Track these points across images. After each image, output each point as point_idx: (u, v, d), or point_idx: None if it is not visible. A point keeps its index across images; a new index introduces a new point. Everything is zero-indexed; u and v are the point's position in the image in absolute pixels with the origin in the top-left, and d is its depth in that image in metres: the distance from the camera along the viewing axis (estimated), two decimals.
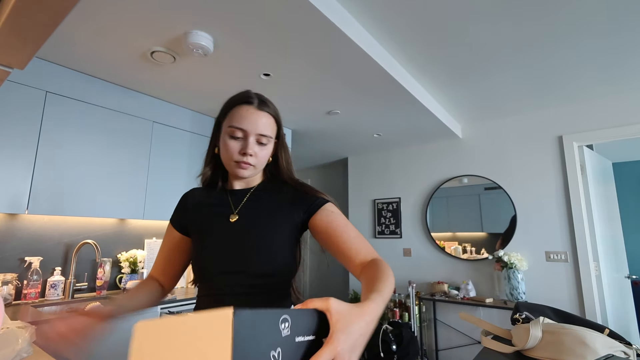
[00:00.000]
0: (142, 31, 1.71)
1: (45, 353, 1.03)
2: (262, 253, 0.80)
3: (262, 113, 0.83)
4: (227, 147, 0.82)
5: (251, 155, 0.81)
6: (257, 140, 0.82)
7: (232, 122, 0.82)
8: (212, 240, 0.84)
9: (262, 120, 0.83)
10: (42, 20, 0.49)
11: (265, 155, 0.85)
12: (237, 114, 0.83)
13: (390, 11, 1.70)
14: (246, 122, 0.81)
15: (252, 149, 0.81)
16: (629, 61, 2.16)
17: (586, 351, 0.98)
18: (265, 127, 0.83)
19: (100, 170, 2.16)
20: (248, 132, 0.81)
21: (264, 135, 0.82)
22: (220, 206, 0.89)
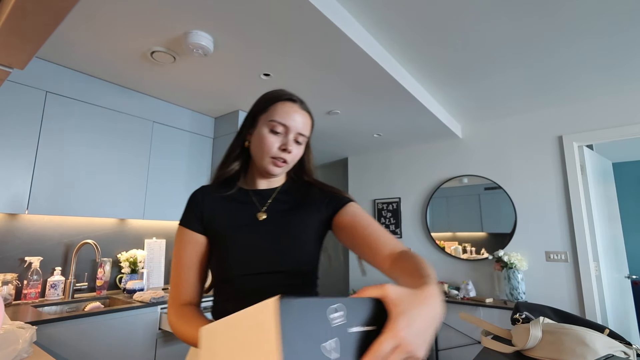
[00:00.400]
0: (142, 31, 1.71)
1: (46, 353, 1.03)
2: (298, 252, 0.79)
3: (304, 112, 0.83)
4: (265, 141, 0.80)
5: (289, 152, 0.81)
6: (295, 138, 0.82)
7: (274, 116, 0.81)
8: (241, 240, 0.80)
9: (304, 120, 0.83)
10: (42, 20, 0.49)
11: (298, 155, 0.84)
12: (281, 109, 0.81)
13: (390, 11, 1.70)
14: (290, 119, 0.80)
15: (292, 145, 0.81)
16: (629, 61, 2.16)
17: (586, 351, 0.98)
18: (305, 127, 0.83)
19: (100, 170, 2.16)
20: (289, 129, 0.80)
21: (302, 135, 0.82)
22: (244, 204, 0.85)
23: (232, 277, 0.78)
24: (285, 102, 0.82)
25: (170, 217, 2.52)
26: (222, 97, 2.49)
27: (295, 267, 0.78)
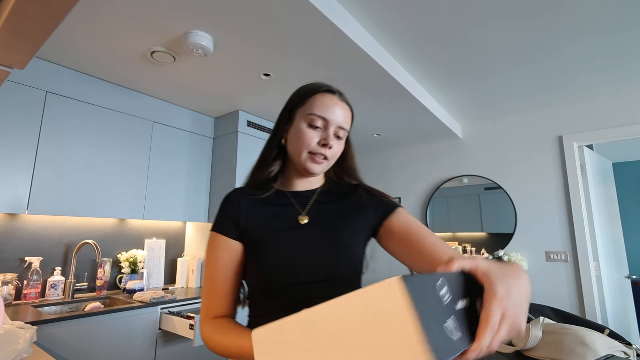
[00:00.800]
0: (142, 31, 1.71)
1: (46, 353, 1.03)
2: (346, 258, 0.73)
3: (344, 105, 0.78)
4: (304, 136, 0.74)
5: (330, 147, 0.75)
6: (335, 133, 0.76)
7: (312, 109, 0.75)
8: (284, 247, 0.72)
9: (344, 113, 0.77)
10: (42, 20, 0.49)
11: (338, 151, 0.78)
12: (320, 101, 0.75)
13: (390, 11, 1.70)
14: (329, 111, 0.74)
15: (332, 140, 0.75)
16: (629, 61, 2.16)
17: (586, 351, 0.98)
18: (345, 120, 0.77)
19: (100, 170, 2.16)
20: (329, 122, 0.74)
21: (342, 129, 0.76)
22: (283, 207, 0.79)
23: (275, 288, 0.71)
24: (324, 94, 0.77)
25: (170, 217, 2.52)
26: (222, 97, 2.49)
27: (343, 275, 0.72)
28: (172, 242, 2.80)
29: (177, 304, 2.14)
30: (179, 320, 1.95)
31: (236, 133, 2.66)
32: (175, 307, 2.13)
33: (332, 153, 0.76)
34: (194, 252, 2.78)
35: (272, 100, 2.52)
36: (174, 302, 2.12)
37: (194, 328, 1.86)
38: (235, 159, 2.61)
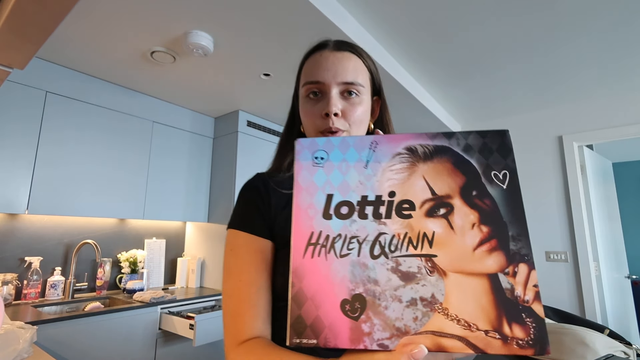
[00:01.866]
0: (142, 31, 1.71)
1: (46, 353, 1.03)
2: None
3: (341, 54, 0.59)
4: (305, 114, 0.60)
5: (336, 114, 0.56)
6: (341, 91, 0.58)
7: (305, 77, 0.60)
8: None
9: (344, 64, 0.58)
10: (42, 20, 0.49)
11: (359, 116, 0.58)
12: (310, 64, 0.61)
13: (390, 11, 1.70)
14: (322, 71, 0.58)
15: (335, 105, 0.56)
16: (629, 61, 2.16)
17: (586, 351, 0.98)
18: (350, 72, 0.58)
19: (100, 170, 2.16)
20: (326, 83, 0.57)
21: (350, 83, 0.57)
22: None
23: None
24: (313, 54, 0.62)
25: (170, 217, 2.52)
26: (222, 97, 2.49)
27: None
28: (172, 242, 2.80)
29: (177, 304, 2.14)
30: (179, 320, 1.95)
31: (236, 133, 2.66)
32: (175, 307, 2.13)
33: (345, 122, 0.57)
34: (194, 252, 2.78)
35: (272, 100, 2.52)
36: (174, 302, 2.12)
37: (194, 328, 1.86)
38: (235, 159, 2.61)
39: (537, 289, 0.32)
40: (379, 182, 0.36)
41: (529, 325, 0.31)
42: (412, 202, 0.35)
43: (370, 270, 0.34)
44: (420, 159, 0.37)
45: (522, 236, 0.34)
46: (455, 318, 0.32)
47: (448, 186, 0.35)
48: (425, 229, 0.34)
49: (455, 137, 0.37)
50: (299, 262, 0.34)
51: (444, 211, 0.35)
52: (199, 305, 2.26)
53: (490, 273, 0.33)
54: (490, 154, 0.36)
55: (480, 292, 0.32)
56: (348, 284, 0.33)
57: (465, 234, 0.34)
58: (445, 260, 0.33)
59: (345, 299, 0.33)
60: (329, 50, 0.61)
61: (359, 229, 0.35)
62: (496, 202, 0.35)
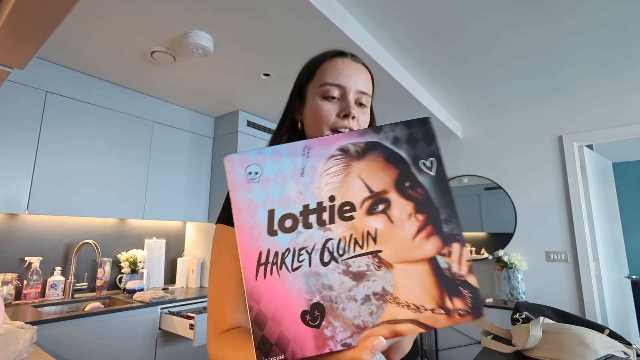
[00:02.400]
0: (142, 31, 1.71)
1: (46, 353, 1.03)
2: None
3: (359, 66, 0.67)
4: (320, 111, 0.63)
5: (353, 117, 0.63)
6: (357, 100, 0.65)
7: (324, 78, 0.64)
8: None
9: (362, 75, 0.65)
10: (42, 20, 0.49)
11: (365, 122, 0.66)
12: (331, 67, 0.65)
13: (390, 11, 1.70)
14: (344, 76, 0.63)
15: (354, 109, 0.63)
16: (629, 61, 2.16)
17: (586, 351, 0.98)
18: (365, 83, 0.65)
19: (100, 169, 2.16)
20: (347, 89, 0.63)
21: (364, 94, 0.65)
22: None
23: None
24: (333, 59, 0.67)
25: (170, 217, 2.52)
26: (222, 97, 2.49)
27: None
28: (172, 242, 2.80)
29: (177, 304, 2.14)
30: (179, 320, 1.95)
31: (236, 133, 2.66)
32: (175, 307, 2.13)
33: (357, 125, 0.65)
34: (194, 252, 2.78)
35: (272, 100, 2.52)
36: (174, 302, 2.12)
37: (194, 328, 1.86)
38: None
39: (469, 263, 0.35)
40: (318, 188, 0.37)
41: (466, 296, 0.34)
42: (352, 204, 0.36)
43: (324, 277, 0.35)
44: (354, 158, 0.37)
45: (452, 218, 0.36)
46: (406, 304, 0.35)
47: (383, 181, 0.37)
48: (368, 228, 0.36)
49: (384, 130, 0.38)
50: (252, 285, 0.35)
51: (383, 207, 0.36)
52: (199, 305, 2.26)
53: (429, 257, 0.35)
54: (416, 144, 0.38)
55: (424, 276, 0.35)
56: (305, 295, 0.34)
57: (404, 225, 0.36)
58: (389, 253, 0.35)
59: (304, 310, 0.34)
60: (350, 59, 0.67)
61: (306, 239, 0.36)
62: (427, 189, 0.37)
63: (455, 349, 3.03)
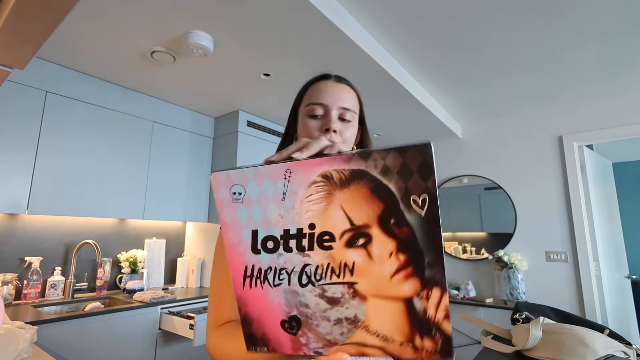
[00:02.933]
0: (142, 31, 1.71)
1: (46, 353, 1.03)
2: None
3: (342, 86, 0.75)
4: (306, 128, 0.72)
5: (335, 131, 0.69)
6: (339, 115, 0.72)
7: (309, 99, 0.73)
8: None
9: (344, 93, 0.73)
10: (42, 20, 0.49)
11: (350, 136, 0.73)
12: (315, 90, 0.74)
13: (390, 11, 1.70)
14: (325, 95, 0.72)
15: (335, 123, 0.70)
16: (629, 61, 2.16)
17: (586, 351, 0.98)
18: (347, 100, 0.73)
19: (100, 169, 2.16)
20: (329, 106, 0.71)
21: (347, 109, 0.72)
22: None
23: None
24: (318, 82, 0.75)
25: (170, 217, 2.52)
26: (222, 97, 2.49)
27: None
28: (172, 242, 2.80)
29: (177, 304, 2.14)
30: (179, 320, 1.95)
31: (236, 133, 2.66)
32: (175, 307, 2.13)
33: (341, 139, 0.71)
34: (194, 252, 2.78)
35: (272, 100, 2.52)
36: (174, 302, 2.12)
37: (194, 328, 1.86)
38: (235, 159, 2.61)
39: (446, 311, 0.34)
40: (298, 214, 0.37)
41: (438, 339, 0.35)
42: (332, 234, 0.36)
43: (301, 296, 0.38)
44: (337, 186, 0.36)
45: (437, 262, 0.35)
46: (375, 333, 0.36)
47: (366, 215, 0.35)
48: (345, 259, 0.36)
49: (373, 157, 0.35)
50: (240, 292, 0.39)
51: (363, 241, 0.36)
52: (199, 305, 2.26)
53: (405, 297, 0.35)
54: (409, 176, 0.34)
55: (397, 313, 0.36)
56: (284, 308, 0.38)
57: (383, 262, 0.36)
58: (365, 286, 0.36)
59: (283, 319, 0.39)
60: (332, 81, 0.75)
61: (286, 261, 0.38)
62: (414, 229, 0.35)
63: (455, 349, 3.02)
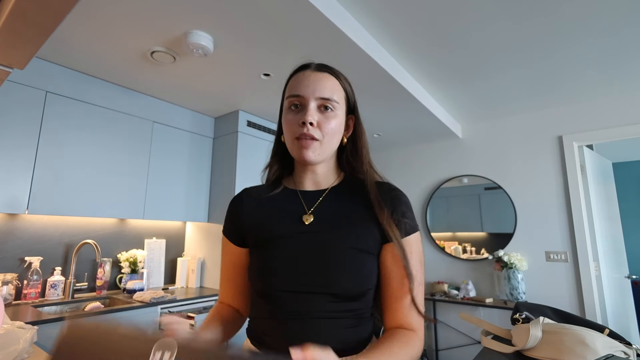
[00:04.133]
0: (142, 31, 1.71)
1: (46, 353, 1.03)
2: (348, 270, 0.63)
3: (321, 74, 0.69)
4: (286, 124, 0.69)
5: (312, 124, 0.65)
6: (318, 105, 0.67)
7: (288, 92, 0.70)
8: (283, 248, 0.67)
9: (322, 82, 0.68)
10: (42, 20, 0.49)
11: (333, 128, 0.68)
12: (294, 81, 0.70)
13: (390, 11, 1.70)
14: (302, 87, 0.67)
15: (312, 115, 0.65)
16: (629, 61, 2.16)
17: (586, 351, 0.98)
18: (326, 89, 0.67)
19: (100, 170, 2.16)
20: (306, 97, 0.67)
21: (326, 99, 0.67)
22: (289, 204, 0.72)
23: (269, 293, 0.65)
24: (297, 73, 0.71)
25: (171, 217, 2.52)
26: (222, 97, 2.49)
27: (339, 287, 0.63)
28: (172, 242, 2.80)
29: (177, 304, 2.14)
30: None
31: (236, 133, 2.66)
32: (175, 307, 2.13)
33: (320, 132, 0.67)
34: (194, 252, 2.78)
35: (272, 100, 2.52)
36: (174, 302, 2.12)
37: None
38: (235, 159, 2.61)
39: None
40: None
41: None
42: None
43: None
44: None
45: None
46: None
47: None
48: None
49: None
50: None
51: None
52: (199, 305, 2.26)
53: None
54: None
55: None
56: None
57: None
58: None
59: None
60: (310, 70, 0.70)
61: None
62: None
63: (455, 349, 3.03)
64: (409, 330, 0.63)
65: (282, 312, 0.64)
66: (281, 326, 0.64)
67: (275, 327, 0.65)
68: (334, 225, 0.68)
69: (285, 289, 0.64)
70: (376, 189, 0.71)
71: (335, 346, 0.60)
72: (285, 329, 0.64)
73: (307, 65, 0.72)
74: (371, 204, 0.69)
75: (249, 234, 0.73)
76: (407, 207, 0.70)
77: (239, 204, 0.77)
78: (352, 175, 0.77)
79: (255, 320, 0.71)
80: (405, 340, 0.60)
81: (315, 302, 0.63)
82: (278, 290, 0.64)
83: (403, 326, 0.64)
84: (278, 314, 0.64)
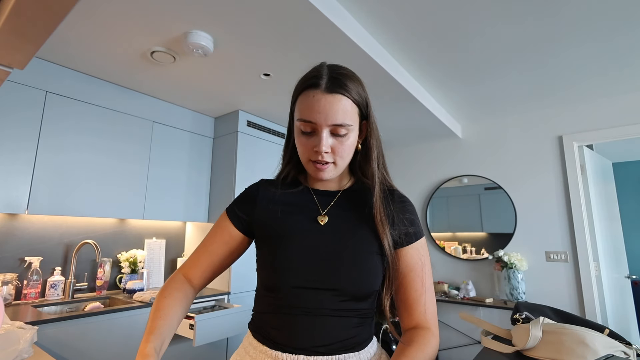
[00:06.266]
0: (142, 31, 1.71)
1: (46, 353, 1.03)
2: (356, 269, 0.67)
3: (333, 97, 0.65)
4: (299, 145, 0.70)
5: (327, 152, 0.67)
6: (332, 132, 0.66)
7: (299, 114, 0.68)
8: (296, 245, 0.69)
9: (335, 107, 0.65)
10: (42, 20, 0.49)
11: (346, 148, 0.69)
12: (304, 103, 0.66)
13: (390, 11, 1.70)
14: (314, 112, 0.65)
15: (326, 145, 0.66)
16: (629, 62, 2.16)
17: (586, 351, 0.98)
18: (339, 115, 0.65)
19: (100, 170, 2.16)
20: (318, 125, 0.65)
21: (339, 125, 0.65)
22: (304, 204, 0.74)
23: (278, 287, 0.67)
24: (307, 92, 0.66)
25: (170, 217, 2.52)
26: (222, 97, 2.49)
27: (350, 287, 0.66)
28: (172, 242, 2.80)
29: None
30: None
31: (236, 133, 2.66)
32: None
33: (334, 157, 0.68)
34: None
35: (272, 100, 2.52)
36: None
37: (194, 328, 1.86)
38: (235, 159, 2.61)
39: None
40: None
41: None
42: None
43: None
44: None
45: None
46: None
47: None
48: None
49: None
50: None
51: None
52: (199, 305, 2.26)
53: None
54: None
55: None
56: None
57: None
58: None
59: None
60: (321, 92, 0.65)
61: None
62: None
63: (455, 349, 3.03)
64: (425, 329, 0.68)
65: (291, 307, 0.66)
66: (290, 321, 0.66)
67: (283, 322, 0.67)
68: (347, 227, 0.71)
69: (297, 285, 0.66)
70: (382, 199, 0.73)
71: (340, 343, 0.65)
72: (293, 325, 0.65)
73: (316, 83, 0.66)
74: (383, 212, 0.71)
75: (259, 226, 0.74)
76: (414, 215, 0.75)
77: (255, 193, 0.78)
78: (364, 174, 0.78)
79: (261, 314, 0.71)
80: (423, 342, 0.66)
81: (325, 300, 0.65)
82: (290, 287, 0.66)
83: (420, 325, 0.69)
84: (287, 309, 0.66)
